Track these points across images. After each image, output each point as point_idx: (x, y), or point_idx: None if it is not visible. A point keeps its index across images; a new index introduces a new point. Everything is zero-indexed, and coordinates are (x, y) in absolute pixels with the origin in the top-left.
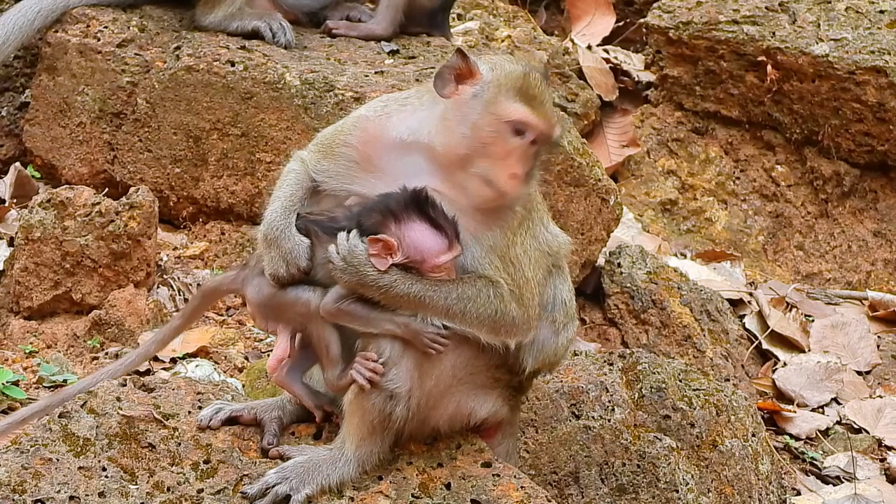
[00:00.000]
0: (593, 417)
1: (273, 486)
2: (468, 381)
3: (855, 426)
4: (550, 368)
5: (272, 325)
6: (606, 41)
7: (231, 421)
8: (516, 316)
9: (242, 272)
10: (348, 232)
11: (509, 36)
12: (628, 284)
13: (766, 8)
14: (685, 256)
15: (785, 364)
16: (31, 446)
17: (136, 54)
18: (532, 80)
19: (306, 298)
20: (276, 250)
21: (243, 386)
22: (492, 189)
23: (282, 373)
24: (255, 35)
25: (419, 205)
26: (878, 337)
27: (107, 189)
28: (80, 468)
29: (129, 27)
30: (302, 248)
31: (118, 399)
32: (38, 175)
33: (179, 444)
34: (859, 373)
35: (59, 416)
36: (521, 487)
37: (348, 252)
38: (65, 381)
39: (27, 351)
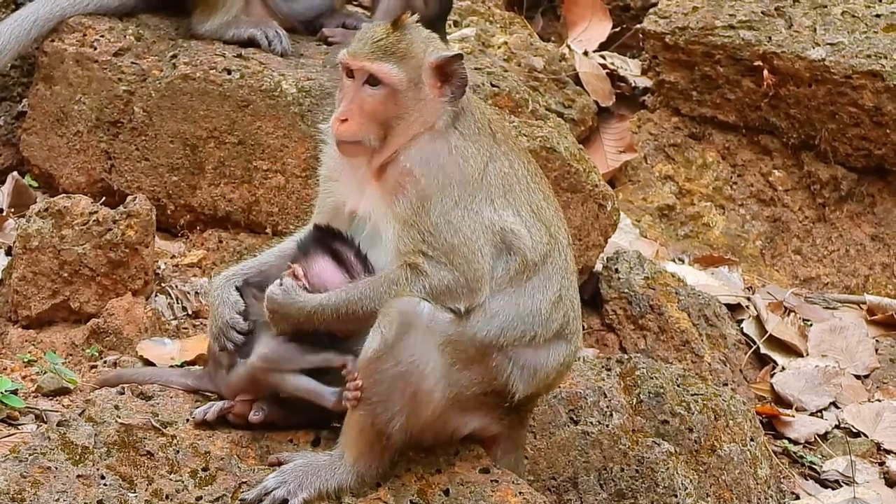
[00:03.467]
0: (591, 423)
1: (271, 491)
2: (454, 407)
3: (854, 430)
4: (546, 391)
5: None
6: (603, 47)
7: (227, 423)
8: (451, 282)
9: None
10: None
11: (506, 42)
12: (626, 290)
13: (763, 13)
14: (683, 261)
15: (783, 368)
16: (30, 455)
17: (132, 63)
18: (370, 27)
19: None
20: (212, 312)
21: None
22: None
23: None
24: (251, 43)
25: (324, 241)
26: (877, 341)
27: (104, 198)
28: (78, 476)
29: (125, 36)
30: (228, 303)
31: (116, 407)
32: (35, 184)
33: (178, 451)
34: (858, 377)
35: (58, 425)
36: (520, 493)
37: (270, 290)
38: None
39: (25, 360)
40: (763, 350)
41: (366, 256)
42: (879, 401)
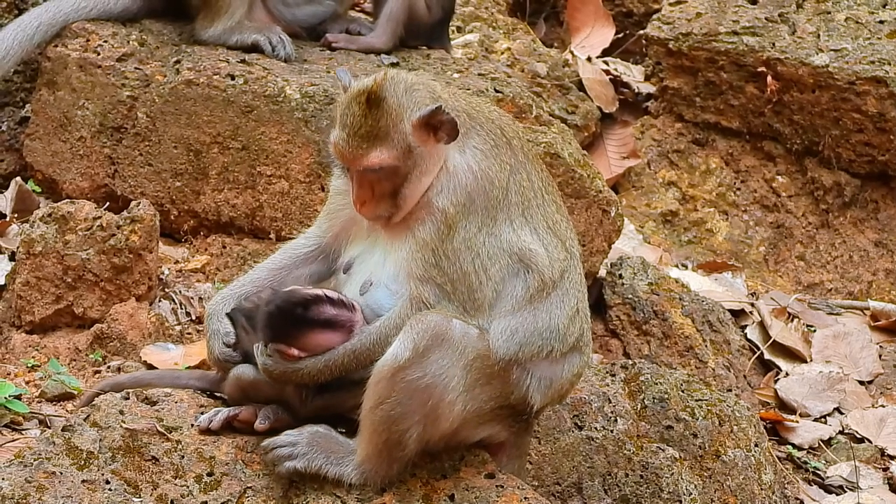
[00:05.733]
0: (596, 428)
1: (278, 446)
2: (472, 420)
3: (857, 436)
4: (559, 401)
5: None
6: (606, 53)
7: (232, 428)
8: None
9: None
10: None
11: (509, 48)
12: (630, 296)
13: (766, 19)
14: (686, 267)
15: (787, 374)
16: (35, 460)
17: (136, 68)
18: (347, 104)
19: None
20: (207, 332)
21: None
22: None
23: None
24: (254, 49)
25: (299, 315)
26: (880, 346)
27: (108, 203)
28: (83, 481)
29: (128, 41)
30: (218, 336)
31: (121, 412)
32: (38, 189)
33: (183, 456)
34: (861, 382)
35: (63, 430)
36: (525, 499)
37: (263, 363)
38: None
39: (29, 365)
40: (767, 356)
41: (341, 299)
42: (883, 406)
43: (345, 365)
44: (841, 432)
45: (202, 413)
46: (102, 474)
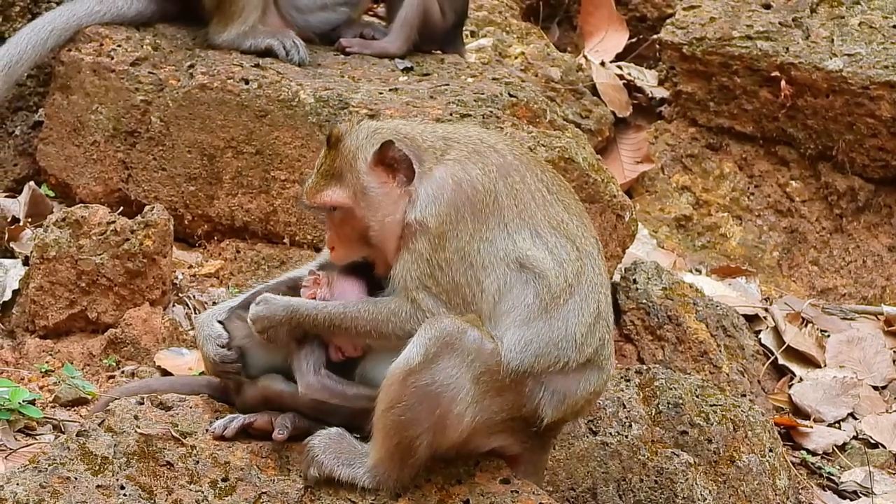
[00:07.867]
0: (611, 433)
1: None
2: (482, 431)
3: (872, 441)
4: (574, 417)
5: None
6: (620, 57)
7: (247, 433)
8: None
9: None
10: None
11: (522, 53)
12: (644, 300)
13: (780, 23)
14: (700, 272)
15: (801, 379)
16: (50, 465)
17: (149, 73)
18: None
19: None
20: (200, 350)
21: None
22: None
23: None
24: (268, 53)
25: (362, 268)
26: (894, 352)
27: (122, 208)
28: (98, 487)
29: (142, 45)
30: (211, 339)
31: (136, 417)
32: (52, 194)
33: (198, 462)
34: (875, 388)
35: (77, 435)
36: None
37: (252, 309)
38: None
39: (43, 370)
40: (781, 361)
41: (378, 281)
42: None
43: (335, 321)
44: (855, 437)
45: (217, 419)
46: (117, 479)
